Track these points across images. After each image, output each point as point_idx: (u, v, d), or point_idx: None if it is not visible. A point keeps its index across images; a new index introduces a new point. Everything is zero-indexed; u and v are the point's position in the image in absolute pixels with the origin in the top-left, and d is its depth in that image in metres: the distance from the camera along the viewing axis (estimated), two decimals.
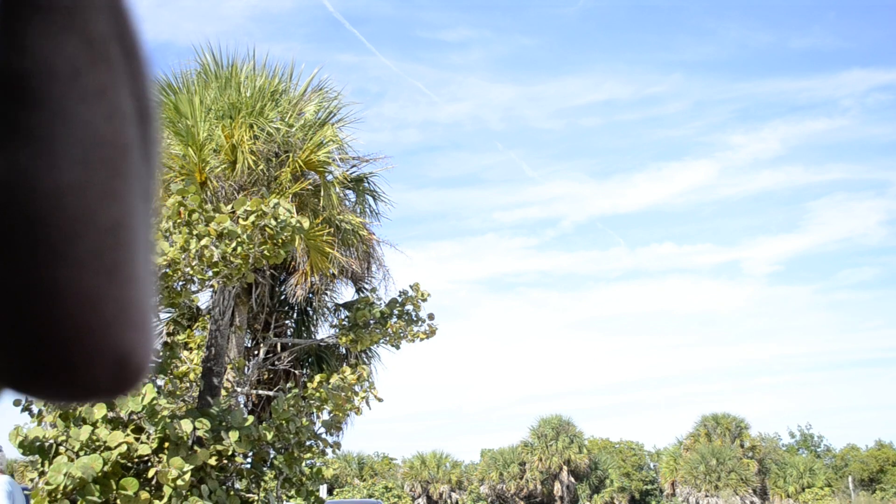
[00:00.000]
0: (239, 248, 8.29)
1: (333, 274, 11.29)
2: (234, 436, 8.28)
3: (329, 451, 9.97)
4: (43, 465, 7.64)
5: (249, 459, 9.11)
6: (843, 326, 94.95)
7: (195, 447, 8.15)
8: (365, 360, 12.58)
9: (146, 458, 8.01)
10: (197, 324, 11.73)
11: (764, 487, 53.58)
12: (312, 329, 12.69)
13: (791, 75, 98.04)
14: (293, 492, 9.48)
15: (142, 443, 7.85)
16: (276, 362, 11.98)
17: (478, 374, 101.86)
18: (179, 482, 7.63)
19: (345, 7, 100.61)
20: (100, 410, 7.72)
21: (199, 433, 8.04)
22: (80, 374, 0.41)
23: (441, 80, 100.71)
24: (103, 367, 0.42)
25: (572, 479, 56.95)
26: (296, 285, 10.91)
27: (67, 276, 0.39)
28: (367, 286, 12.13)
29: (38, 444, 7.72)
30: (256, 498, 9.00)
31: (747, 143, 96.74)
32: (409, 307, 10.84)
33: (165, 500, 7.64)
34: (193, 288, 8.71)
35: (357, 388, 10.41)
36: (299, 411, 9.34)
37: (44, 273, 0.39)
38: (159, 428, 7.71)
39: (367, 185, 11.64)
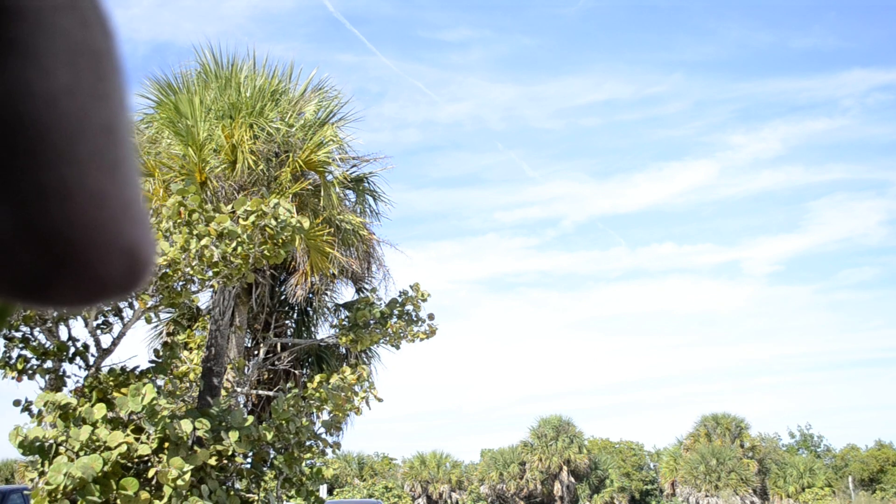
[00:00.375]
0: (239, 248, 8.29)
1: (333, 274, 11.28)
2: (234, 436, 8.28)
3: (329, 451, 9.97)
4: (43, 465, 7.64)
5: (249, 459, 9.11)
6: (843, 326, 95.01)
7: (195, 447, 8.15)
8: (365, 360, 12.58)
9: (146, 458, 8.00)
10: (197, 324, 11.73)
11: (764, 487, 53.56)
12: (312, 329, 12.69)
13: (791, 75, 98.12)
14: (293, 492, 9.48)
15: (142, 443, 7.85)
16: (276, 362, 11.98)
17: (478, 374, 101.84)
18: (179, 482, 7.63)
19: (345, 7, 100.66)
20: (100, 410, 7.72)
21: (199, 433, 8.04)
22: (94, 270, 0.43)
23: (441, 80, 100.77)
24: (115, 261, 0.44)
25: (572, 479, 56.94)
26: (296, 285, 10.90)
27: (73, 174, 0.42)
28: (367, 286, 12.13)
29: (38, 444, 7.72)
30: (256, 498, 9.00)
31: (747, 143, 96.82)
32: (409, 307, 10.84)
33: (165, 500, 7.63)
34: (193, 288, 8.71)
35: (357, 388, 10.40)
36: (299, 411, 9.33)
37: (52, 173, 0.41)
38: (159, 428, 7.71)
39: (367, 185, 11.64)
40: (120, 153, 0.44)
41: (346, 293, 20.63)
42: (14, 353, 8.48)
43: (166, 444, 7.92)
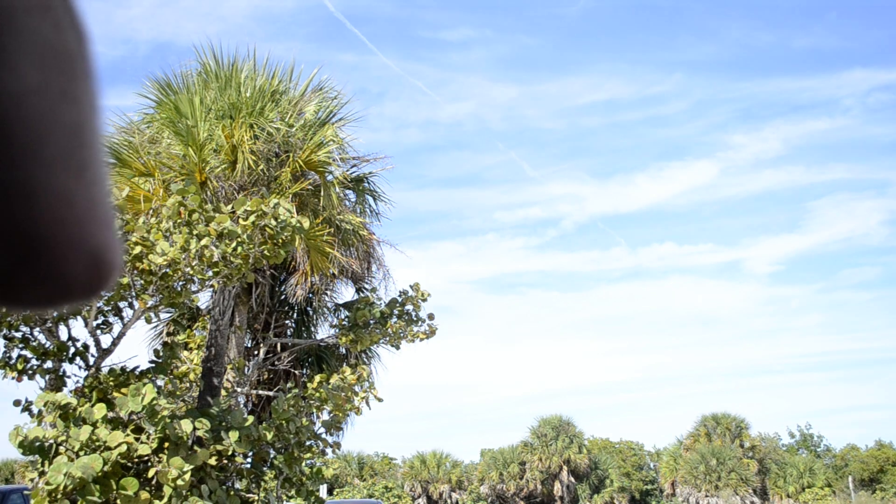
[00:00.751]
0: (239, 248, 8.29)
1: (333, 274, 11.28)
2: (234, 436, 8.28)
3: (329, 451, 9.96)
4: (43, 465, 7.64)
5: (249, 459, 9.10)
6: (843, 326, 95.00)
7: (195, 447, 8.14)
8: (365, 360, 12.58)
9: (146, 458, 8.00)
10: (197, 324, 11.73)
11: (764, 487, 53.55)
12: (312, 329, 12.69)
13: (792, 75, 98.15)
14: (293, 492, 9.48)
15: (142, 443, 7.85)
16: (276, 362, 11.97)
17: (478, 374, 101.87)
18: (179, 482, 7.63)
19: (346, 7, 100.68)
20: (100, 410, 7.72)
21: (199, 433, 8.04)
22: (59, 272, 0.43)
23: (442, 80, 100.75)
24: (80, 264, 0.44)
25: (572, 479, 56.92)
26: (296, 285, 10.90)
27: (40, 175, 0.42)
28: (367, 286, 12.13)
29: (38, 444, 7.72)
30: (256, 498, 9.00)
31: (748, 143, 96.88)
32: (409, 307, 10.83)
33: (165, 500, 7.63)
34: (193, 288, 8.71)
35: (357, 388, 10.40)
36: (299, 411, 9.33)
37: (18, 173, 0.41)
38: (159, 428, 7.71)
39: (367, 185, 11.63)
40: (88, 155, 0.44)
41: (346, 293, 20.65)
42: (14, 353, 8.48)
43: (166, 444, 7.92)
